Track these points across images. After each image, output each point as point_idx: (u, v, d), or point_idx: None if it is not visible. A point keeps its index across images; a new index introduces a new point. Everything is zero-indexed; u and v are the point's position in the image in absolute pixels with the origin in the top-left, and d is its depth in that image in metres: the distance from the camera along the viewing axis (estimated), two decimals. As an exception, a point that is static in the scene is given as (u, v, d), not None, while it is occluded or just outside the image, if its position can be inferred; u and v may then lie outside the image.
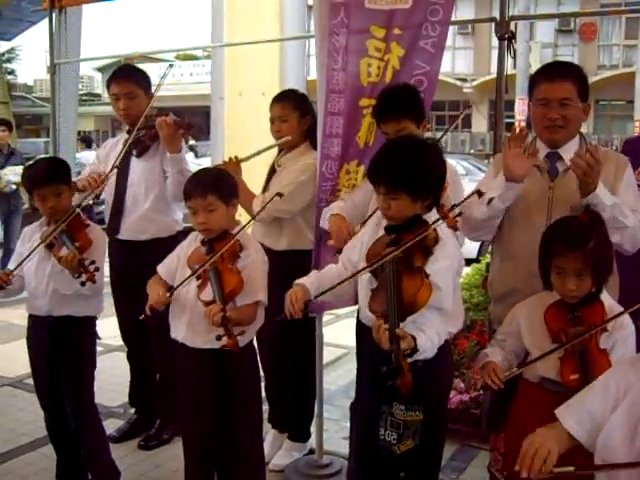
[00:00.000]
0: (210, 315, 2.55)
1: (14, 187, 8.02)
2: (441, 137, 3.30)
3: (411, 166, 2.36)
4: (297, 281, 2.64)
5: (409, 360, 2.17)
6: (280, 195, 2.97)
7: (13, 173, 8.16)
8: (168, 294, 2.73)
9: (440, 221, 2.37)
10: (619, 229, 2.59)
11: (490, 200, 2.69)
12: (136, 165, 3.79)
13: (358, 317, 2.77)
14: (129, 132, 3.78)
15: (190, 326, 2.80)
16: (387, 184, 2.37)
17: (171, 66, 3.76)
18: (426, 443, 2.49)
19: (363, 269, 2.41)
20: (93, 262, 2.96)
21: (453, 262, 2.43)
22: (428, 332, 2.27)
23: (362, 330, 2.69)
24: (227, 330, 2.55)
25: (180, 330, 2.85)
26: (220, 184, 2.81)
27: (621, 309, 2.40)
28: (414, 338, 2.17)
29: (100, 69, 36.29)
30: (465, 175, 10.93)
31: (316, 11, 3.37)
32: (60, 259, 2.96)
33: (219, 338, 2.56)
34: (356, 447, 2.78)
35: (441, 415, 2.66)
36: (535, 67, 20.42)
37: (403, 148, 2.47)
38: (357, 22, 3.25)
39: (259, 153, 3.63)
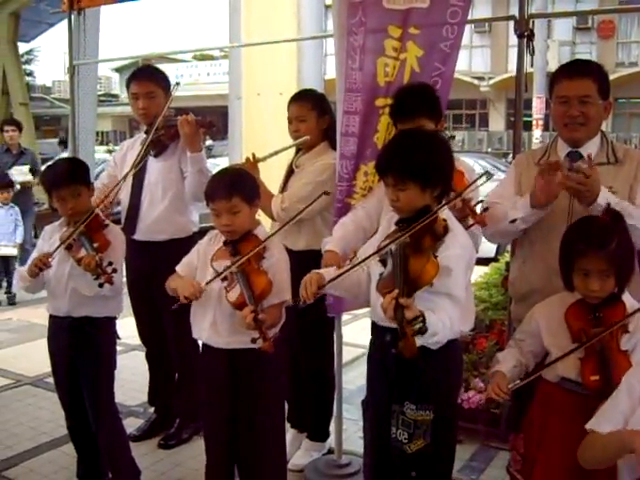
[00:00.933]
0: (245, 318, 2.54)
1: (18, 187, 8.04)
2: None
3: (418, 155, 2.39)
4: (314, 271, 2.65)
5: (420, 339, 2.18)
6: (327, 193, 2.99)
7: (19, 173, 8.21)
8: (203, 284, 2.72)
9: (445, 209, 2.42)
10: (630, 232, 2.57)
11: (514, 220, 2.71)
12: (153, 165, 3.80)
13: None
14: (147, 132, 3.79)
15: (214, 326, 2.80)
16: (395, 174, 2.39)
17: (177, 84, 3.76)
18: (437, 443, 2.49)
19: (372, 254, 2.42)
20: (111, 263, 2.96)
21: (464, 252, 2.44)
22: (439, 314, 2.27)
23: (374, 329, 2.70)
24: (262, 332, 2.54)
25: (203, 330, 2.84)
26: (243, 185, 2.80)
27: (644, 309, 2.38)
28: (422, 315, 2.17)
29: (118, 69, 36.54)
30: (477, 173, 10.81)
31: (335, 10, 3.36)
32: (79, 261, 2.97)
33: (254, 341, 2.55)
34: (370, 446, 2.78)
35: (452, 415, 2.66)
36: (553, 65, 20.33)
37: (410, 139, 2.52)
38: (375, 22, 3.24)
39: (277, 153, 3.61)
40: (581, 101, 2.71)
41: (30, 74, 34.63)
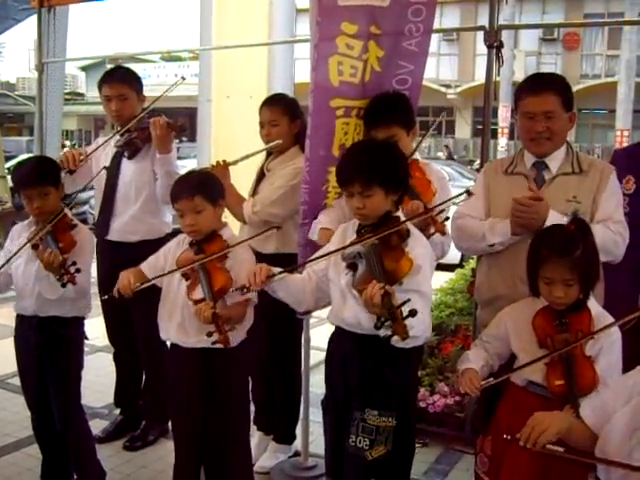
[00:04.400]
0: (201, 312, 2.59)
1: None
2: (420, 142, 3.29)
3: (382, 162, 2.49)
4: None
5: (409, 323, 2.22)
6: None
7: None
8: (138, 284, 2.77)
9: (400, 213, 2.57)
10: None
11: (492, 244, 2.81)
12: (127, 166, 3.80)
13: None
14: (121, 134, 3.79)
15: (182, 327, 2.83)
16: (361, 181, 2.46)
17: (183, 79, 3.77)
18: (397, 448, 2.53)
19: (343, 247, 2.49)
20: (74, 263, 2.95)
21: (428, 251, 2.55)
22: (416, 306, 2.30)
23: (336, 334, 2.73)
24: (218, 326, 2.60)
25: (171, 331, 2.86)
26: (206, 185, 2.85)
27: (608, 316, 2.44)
28: (409, 299, 2.24)
29: (84, 68, 36.12)
30: (448, 180, 10.95)
31: (311, 14, 3.37)
32: (43, 260, 2.96)
33: (210, 335, 2.59)
34: (329, 448, 2.81)
35: (412, 420, 2.72)
36: (519, 75, 20.63)
37: (370, 147, 2.65)
38: (328, 20, 3.17)
39: (248, 157, 3.61)
40: (546, 117, 2.77)
41: (-6, 70, 34.10)
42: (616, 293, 2.86)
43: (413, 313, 2.18)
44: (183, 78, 3.75)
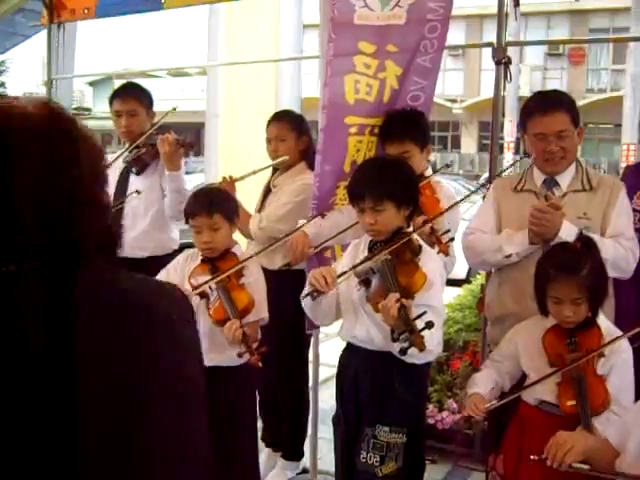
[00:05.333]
0: (231, 331, 2.55)
1: None
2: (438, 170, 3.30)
3: (393, 176, 2.51)
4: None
5: (426, 335, 2.24)
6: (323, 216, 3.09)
7: None
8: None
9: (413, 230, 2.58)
10: None
11: (509, 255, 2.78)
12: (135, 183, 3.80)
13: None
14: (130, 150, 3.80)
15: None
16: (373, 196, 2.46)
17: (174, 109, 3.81)
18: (408, 465, 2.53)
19: (358, 264, 2.48)
20: None
21: (439, 267, 2.56)
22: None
23: (347, 349, 2.73)
24: (248, 346, 2.57)
25: None
26: (225, 203, 2.85)
27: (618, 332, 2.43)
28: (425, 311, 2.25)
29: (91, 83, 36.27)
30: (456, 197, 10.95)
31: (321, 30, 3.38)
32: None
33: (240, 355, 2.57)
34: (340, 464, 2.80)
35: (422, 437, 2.72)
36: (525, 90, 20.69)
37: (380, 163, 2.68)
38: (344, 38, 3.20)
39: (255, 172, 3.62)
40: (558, 136, 2.77)
41: (2, 85, 34.29)
42: (627, 309, 2.85)
43: (430, 325, 2.19)
44: (174, 109, 3.81)
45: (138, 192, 3.65)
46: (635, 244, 2.77)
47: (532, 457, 1.99)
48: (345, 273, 2.50)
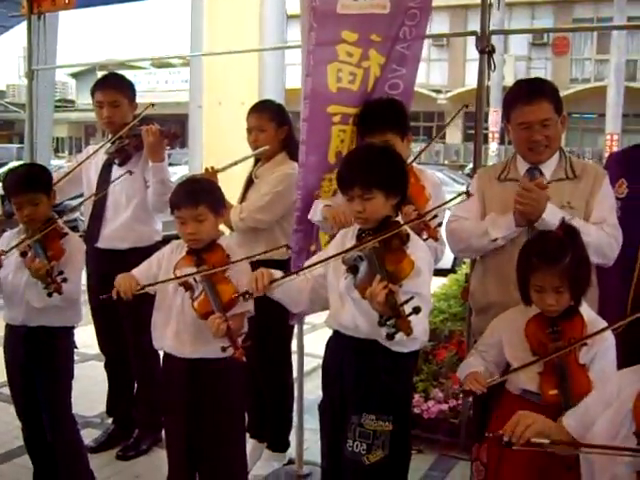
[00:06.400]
0: (215, 326, 2.55)
1: None
2: (423, 150, 3.30)
3: (381, 165, 2.50)
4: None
5: (394, 346, 2.29)
6: None
7: None
8: (139, 287, 2.72)
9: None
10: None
11: (495, 239, 2.78)
12: (118, 173, 3.76)
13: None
14: (113, 141, 3.77)
15: (177, 336, 2.79)
16: (361, 183, 2.45)
17: (152, 105, 3.78)
18: (394, 453, 2.52)
19: (344, 251, 2.46)
20: (61, 272, 2.93)
21: (427, 255, 2.55)
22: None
23: (333, 337, 2.72)
24: (233, 340, 2.56)
25: (167, 340, 2.83)
26: (210, 194, 2.82)
27: (601, 321, 2.44)
28: (413, 296, 2.24)
29: (74, 75, 36.03)
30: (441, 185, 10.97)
31: (303, 20, 3.37)
32: (30, 268, 2.93)
33: (224, 349, 2.56)
34: (327, 451, 2.79)
35: (408, 425, 2.71)
36: (509, 80, 20.69)
37: (370, 151, 2.65)
38: (326, 27, 3.19)
39: (236, 163, 3.62)
40: (543, 125, 2.76)
41: (-17, 77, 33.96)
42: (609, 298, 2.85)
43: (417, 310, 2.18)
44: (152, 105, 3.77)
45: (130, 172, 3.62)
46: (618, 231, 2.78)
47: (487, 434, 2.03)
48: (331, 257, 2.50)
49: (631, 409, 1.77)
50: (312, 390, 4.23)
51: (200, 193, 2.78)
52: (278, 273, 2.61)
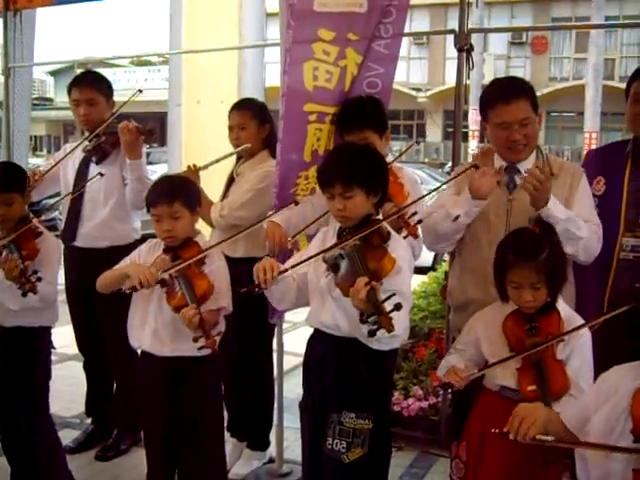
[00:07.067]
0: (187, 317, 2.54)
1: None
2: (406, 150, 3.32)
3: (362, 163, 2.51)
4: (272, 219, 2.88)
5: (374, 344, 2.31)
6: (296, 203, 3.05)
7: None
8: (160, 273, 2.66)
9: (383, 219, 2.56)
10: (573, 241, 2.66)
11: (456, 217, 2.76)
12: (95, 172, 3.73)
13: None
14: (90, 139, 3.75)
15: (156, 334, 2.78)
16: (342, 181, 2.46)
17: (140, 91, 3.75)
18: (373, 451, 2.53)
19: (325, 250, 2.47)
20: (36, 272, 2.91)
21: (408, 253, 2.57)
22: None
23: (314, 335, 2.72)
24: (205, 331, 2.56)
25: (144, 338, 2.82)
26: (185, 191, 2.82)
27: (578, 317, 2.46)
28: (394, 293, 2.25)
29: (52, 73, 35.76)
30: (420, 184, 10.99)
31: (282, 18, 3.36)
32: (3, 269, 2.91)
33: (196, 340, 2.56)
34: (307, 449, 2.80)
35: (388, 423, 2.73)
36: (489, 78, 20.79)
37: (351, 149, 2.67)
38: (303, 25, 3.18)
39: (218, 161, 3.62)
40: (522, 124, 2.77)
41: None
42: (585, 295, 2.88)
43: (398, 307, 2.19)
44: (140, 91, 3.78)
45: (101, 174, 3.58)
46: (600, 229, 2.80)
47: (494, 430, 2.00)
48: (312, 257, 2.50)
49: (628, 407, 1.78)
50: (292, 389, 4.24)
51: (175, 190, 2.78)
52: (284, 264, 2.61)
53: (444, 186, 3.14)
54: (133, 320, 2.86)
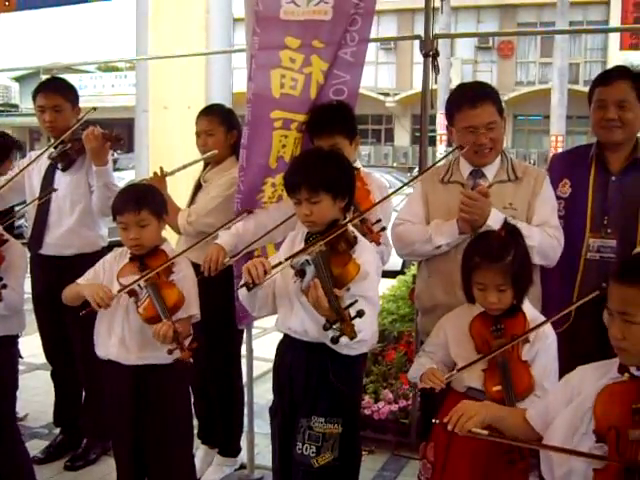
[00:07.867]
0: (161, 335, 2.53)
1: None
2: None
3: (328, 168, 2.52)
4: (216, 241, 2.92)
5: (357, 323, 2.27)
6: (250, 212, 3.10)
7: None
8: (115, 292, 2.66)
9: (349, 221, 2.58)
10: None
11: (439, 246, 2.81)
12: (61, 179, 3.72)
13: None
14: (55, 146, 3.71)
15: (122, 343, 2.77)
16: (308, 187, 2.47)
17: (94, 109, 3.70)
18: (343, 456, 2.55)
19: (292, 255, 2.47)
20: (1, 279, 2.87)
21: (375, 258, 2.58)
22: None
23: (284, 341, 2.73)
24: (179, 343, 2.55)
25: (111, 347, 2.80)
26: (152, 199, 2.81)
27: (543, 318, 2.49)
28: (356, 300, 2.29)
29: (17, 79, 35.32)
30: (389, 188, 11.01)
31: (247, 24, 3.36)
32: None
33: (170, 352, 2.55)
34: (277, 454, 2.80)
35: (357, 427, 2.75)
36: (456, 83, 20.99)
37: (317, 155, 2.68)
38: (270, 33, 3.20)
39: (185, 167, 3.60)
40: (488, 128, 2.81)
41: None
42: (551, 297, 2.92)
43: (361, 314, 2.21)
44: (94, 109, 3.69)
45: (54, 190, 3.56)
46: (560, 232, 2.85)
47: (434, 421, 2.13)
48: (281, 264, 2.49)
49: (591, 407, 1.81)
50: (262, 394, 4.24)
51: (142, 198, 2.76)
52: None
53: (409, 189, 3.16)
54: (100, 329, 2.84)
